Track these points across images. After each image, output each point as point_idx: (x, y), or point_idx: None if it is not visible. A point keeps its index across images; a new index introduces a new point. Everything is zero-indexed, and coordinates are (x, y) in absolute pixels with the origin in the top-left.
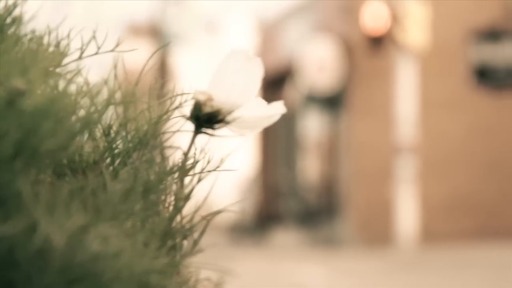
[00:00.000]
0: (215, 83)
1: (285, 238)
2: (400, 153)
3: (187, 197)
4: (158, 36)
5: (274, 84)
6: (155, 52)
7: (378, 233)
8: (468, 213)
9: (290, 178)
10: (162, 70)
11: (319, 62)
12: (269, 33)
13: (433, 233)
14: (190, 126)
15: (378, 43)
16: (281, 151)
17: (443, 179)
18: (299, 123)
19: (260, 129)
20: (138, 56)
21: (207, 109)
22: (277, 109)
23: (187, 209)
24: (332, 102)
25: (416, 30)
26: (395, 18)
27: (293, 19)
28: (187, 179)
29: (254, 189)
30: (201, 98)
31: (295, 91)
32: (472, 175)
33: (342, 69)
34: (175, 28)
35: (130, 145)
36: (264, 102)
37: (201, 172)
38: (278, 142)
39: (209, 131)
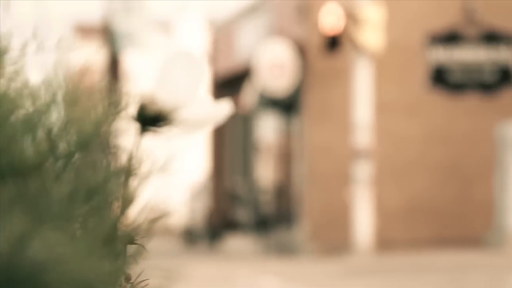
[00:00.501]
0: (160, 83)
1: (239, 245)
2: (356, 157)
3: (132, 200)
4: (109, 36)
5: (229, 86)
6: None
7: (334, 239)
8: (425, 219)
9: (244, 183)
10: (113, 71)
11: (274, 64)
12: (223, 34)
13: (390, 238)
14: (135, 126)
15: (334, 44)
16: (235, 155)
17: (400, 184)
18: (255, 126)
19: (208, 129)
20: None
21: (152, 110)
22: (225, 109)
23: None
24: (287, 105)
25: (373, 32)
26: (351, 20)
27: (248, 19)
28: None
29: (205, 194)
30: (146, 98)
31: (250, 93)
32: (429, 180)
33: (297, 71)
34: (126, 28)
35: (73, 147)
36: (212, 102)
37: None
38: (232, 146)
39: (154, 131)
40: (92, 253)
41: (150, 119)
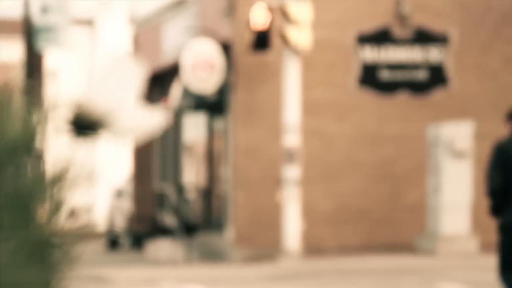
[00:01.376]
0: (92, 88)
1: (164, 250)
2: (285, 159)
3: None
4: (30, 33)
5: (154, 84)
6: (24, 49)
7: (261, 243)
8: (354, 222)
9: (171, 186)
10: (34, 68)
11: (199, 63)
12: (147, 31)
13: (319, 242)
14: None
15: (261, 43)
16: (163, 156)
17: (329, 187)
18: (182, 127)
19: (145, 135)
20: (7, 54)
21: (85, 115)
22: (159, 115)
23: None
24: (213, 105)
25: (301, 30)
26: (279, 18)
27: (173, 17)
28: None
29: (129, 197)
30: (79, 103)
31: (176, 92)
32: (360, 183)
33: (223, 70)
34: (48, 24)
35: None
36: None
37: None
38: (160, 147)
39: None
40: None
41: (81, 124)
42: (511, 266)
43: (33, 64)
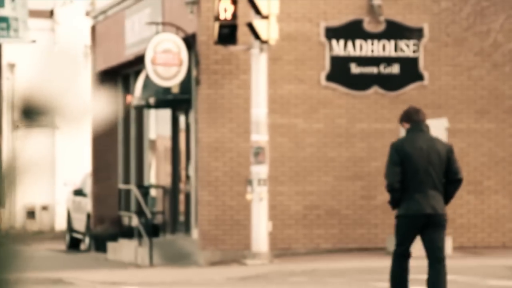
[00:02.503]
0: (38, 77)
1: (126, 251)
2: (252, 157)
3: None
4: None
5: (115, 77)
6: None
7: (228, 244)
8: (324, 221)
9: (133, 186)
10: None
11: (163, 57)
12: (109, 25)
13: (288, 243)
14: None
15: (227, 37)
16: (123, 155)
17: (298, 185)
18: (145, 123)
19: (88, 124)
20: None
21: (30, 103)
22: (103, 103)
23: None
24: (178, 100)
25: (268, 23)
26: (246, 10)
27: (137, 9)
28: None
29: (90, 196)
30: (25, 92)
31: (139, 86)
32: (330, 181)
33: (188, 64)
34: (5, 17)
35: None
36: (90, 96)
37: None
38: (122, 143)
39: (31, 125)
40: None
41: (28, 112)
42: (404, 251)
43: None
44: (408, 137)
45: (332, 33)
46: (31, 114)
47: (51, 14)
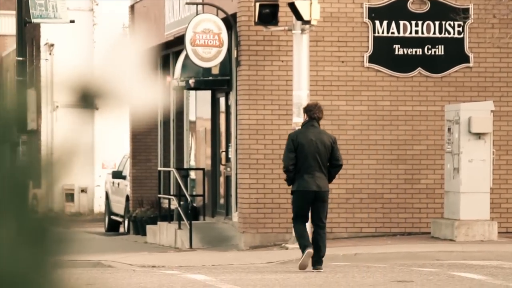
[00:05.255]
0: (94, 62)
1: (165, 236)
2: None
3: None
4: (25, 4)
5: (158, 60)
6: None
7: (269, 229)
8: (366, 207)
9: (175, 167)
10: (28, 41)
11: (203, 38)
12: (149, 6)
13: (327, 227)
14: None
15: (268, 17)
16: (162, 138)
17: (341, 170)
18: (186, 105)
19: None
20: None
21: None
22: (155, 90)
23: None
24: (218, 82)
25: (311, 4)
26: None
27: None
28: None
29: (130, 179)
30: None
31: (179, 68)
32: (374, 164)
33: (228, 45)
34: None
35: None
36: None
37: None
38: (158, 128)
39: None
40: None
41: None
42: (301, 218)
43: (27, 37)
44: (302, 130)
45: (376, 13)
46: (89, 98)
47: None
